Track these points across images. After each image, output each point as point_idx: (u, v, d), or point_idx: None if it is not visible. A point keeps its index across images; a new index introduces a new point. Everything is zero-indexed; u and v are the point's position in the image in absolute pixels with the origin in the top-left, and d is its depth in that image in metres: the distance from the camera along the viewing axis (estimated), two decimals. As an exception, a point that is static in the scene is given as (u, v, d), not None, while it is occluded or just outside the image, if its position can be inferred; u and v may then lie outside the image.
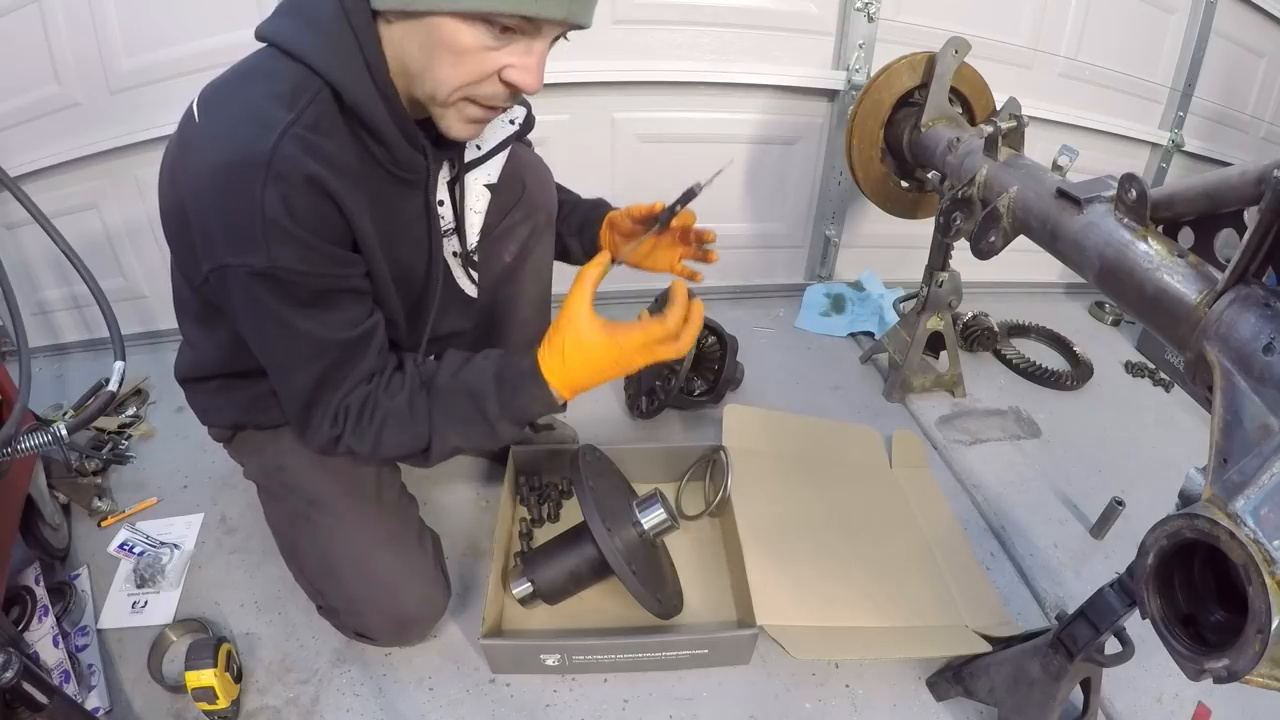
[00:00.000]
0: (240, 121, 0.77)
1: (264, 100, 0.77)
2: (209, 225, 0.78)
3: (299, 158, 0.76)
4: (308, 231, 0.79)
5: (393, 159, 0.88)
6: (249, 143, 0.75)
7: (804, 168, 2.07)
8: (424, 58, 0.78)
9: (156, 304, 1.92)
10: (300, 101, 0.77)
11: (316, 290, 0.83)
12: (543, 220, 1.24)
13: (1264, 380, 0.72)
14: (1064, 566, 1.36)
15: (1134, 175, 0.98)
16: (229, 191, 0.75)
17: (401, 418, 0.91)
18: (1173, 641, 0.63)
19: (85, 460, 1.41)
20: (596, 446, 1.28)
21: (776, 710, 1.11)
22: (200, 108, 0.80)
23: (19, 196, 1.06)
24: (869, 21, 1.83)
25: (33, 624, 1.11)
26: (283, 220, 0.76)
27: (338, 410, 0.90)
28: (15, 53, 1.55)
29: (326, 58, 0.78)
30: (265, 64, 0.80)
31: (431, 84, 0.80)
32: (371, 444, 0.91)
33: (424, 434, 0.92)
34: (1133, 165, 2.22)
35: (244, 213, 0.75)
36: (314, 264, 0.81)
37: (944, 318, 1.70)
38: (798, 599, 1.17)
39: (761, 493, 1.34)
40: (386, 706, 1.09)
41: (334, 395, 0.89)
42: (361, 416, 0.90)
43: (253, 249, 0.77)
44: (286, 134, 0.75)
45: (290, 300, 0.81)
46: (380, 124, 0.83)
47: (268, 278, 0.79)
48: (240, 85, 0.80)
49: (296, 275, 0.79)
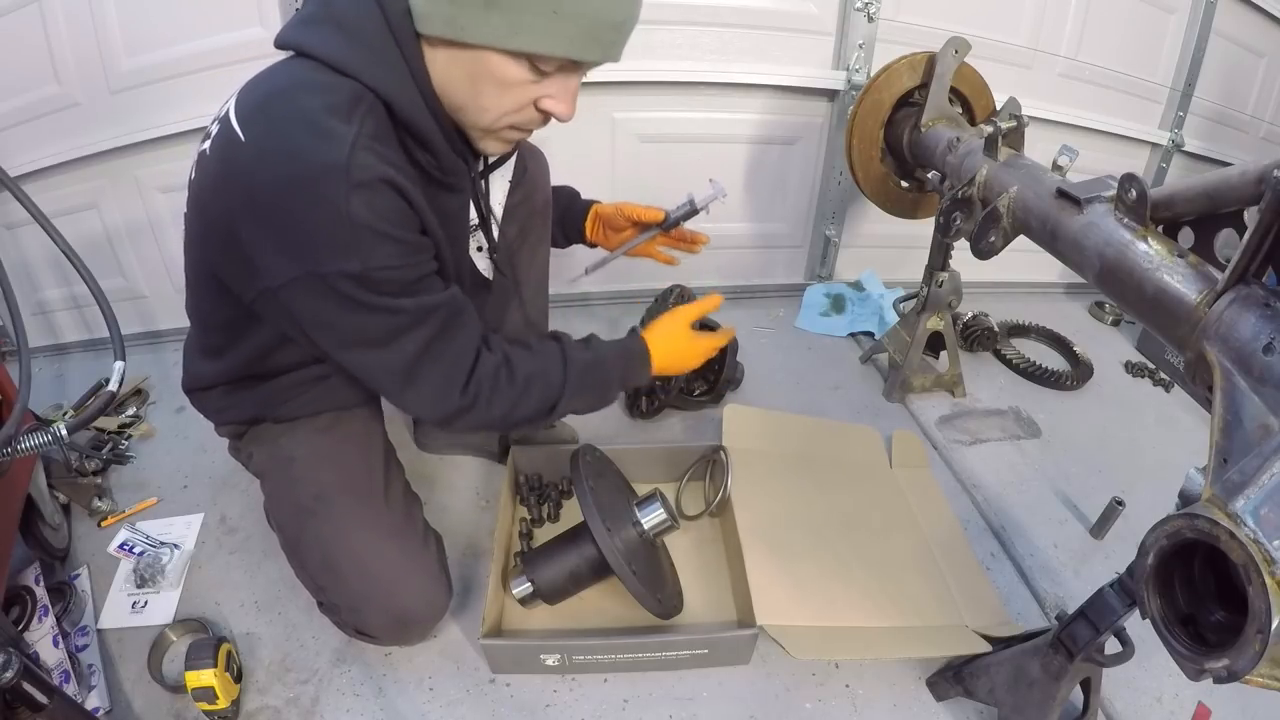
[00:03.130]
0: (301, 136, 0.78)
1: (320, 114, 0.78)
2: (285, 239, 0.80)
3: (374, 164, 0.79)
4: (396, 227, 0.83)
5: (439, 166, 0.92)
6: (320, 155, 0.77)
7: (804, 168, 2.07)
8: (469, 86, 0.83)
9: (156, 304, 1.92)
10: (357, 114, 0.80)
11: (413, 276, 0.87)
12: (540, 202, 1.29)
13: (1264, 380, 0.72)
14: (1064, 566, 1.36)
15: (1134, 175, 0.98)
16: (308, 208, 0.78)
17: (535, 382, 1.00)
18: (1173, 641, 0.63)
19: (85, 460, 1.41)
20: (596, 446, 1.28)
21: (776, 710, 1.11)
22: (245, 126, 0.80)
23: (19, 196, 1.06)
24: (869, 21, 1.83)
25: (33, 624, 1.11)
26: (373, 223, 0.80)
27: (467, 383, 0.94)
28: (15, 53, 1.55)
29: (376, 72, 0.81)
30: (309, 77, 0.81)
31: (476, 112, 0.86)
32: (508, 405, 0.97)
33: (558, 392, 1.01)
34: (1133, 165, 2.22)
35: (332, 224, 0.78)
36: (407, 256, 0.85)
37: (944, 318, 1.70)
38: (798, 599, 1.17)
39: (761, 493, 1.34)
40: (386, 706, 1.09)
41: (454, 372, 0.93)
42: (498, 383, 0.96)
43: (347, 254, 0.79)
44: (356, 144, 0.78)
45: (388, 292, 0.85)
46: (429, 134, 0.87)
47: (365, 279, 0.81)
48: (289, 101, 0.80)
49: (393, 270, 0.83)
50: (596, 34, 0.80)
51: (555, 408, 1.02)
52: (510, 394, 0.98)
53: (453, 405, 0.95)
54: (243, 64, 1.61)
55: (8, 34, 1.52)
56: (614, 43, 0.83)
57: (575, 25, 0.78)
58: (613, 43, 0.83)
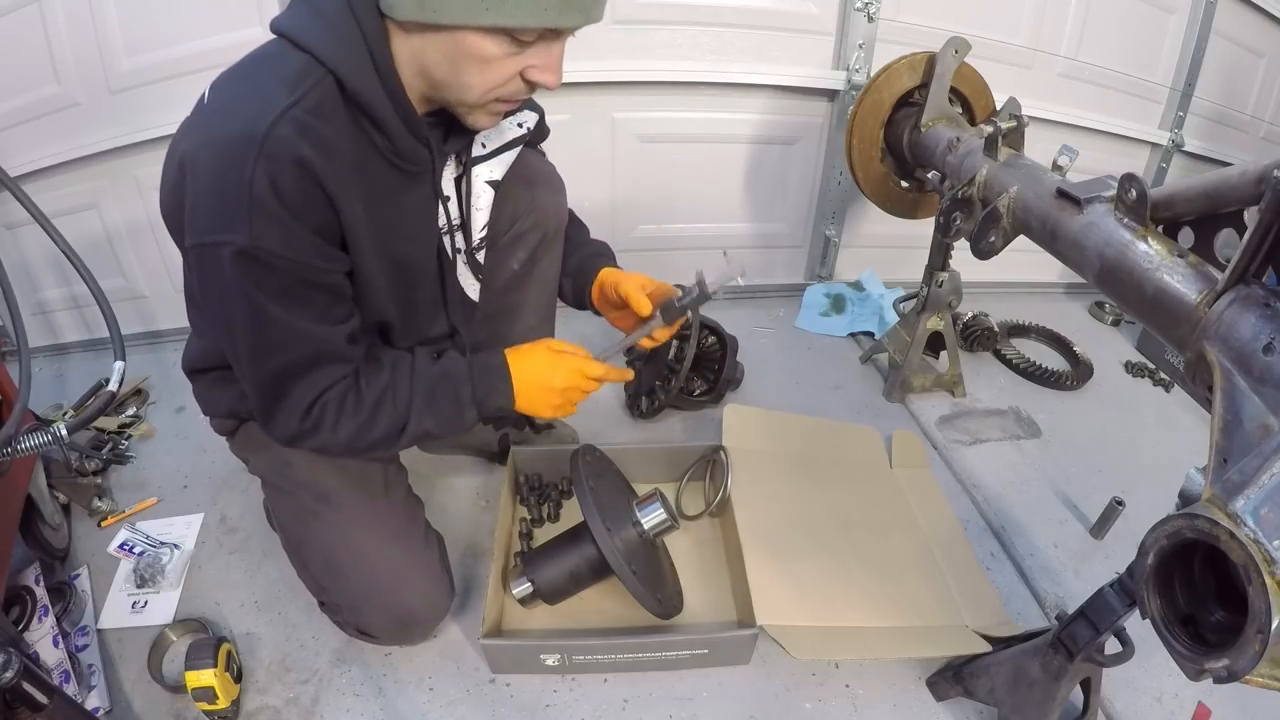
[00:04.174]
0: (243, 101, 0.79)
1: (268, 84, 0.79)
2: (198, 200, 0.79)
3: (292, 140, 0.77)
4: (291, 215, 0.79)
5: (394, 149, 0.88)
6: (247, 121, 0.76)
7: (804, 168, 2.07)
8: (448, 66, 0.81)
9: (156, 304, 1.92)
10: (303, 85, 0.79)
11: (295, 279, 0.83)
12: (552, 229, 1.24)
13: (1264, 380, 0.72)
14: (1064, 566, 1.36)
15: (1134, 175, 0.98)
16: (221, 166, 0.77)
17: (384, 404, 0.93)
18: (1173, 641, 0.63)
19: (85, 460, 1.41)
20: (596, 446, 1.28)
21: (776, 710, 1.11)
22: (211, 91, 0.82)
23: (19, 196, 1.06)
24: (869, 21, 1.83)
25: (33, 624, 1.11)
26: (268, 200, 0.77)
27: (312, 405, 0.90)
28: (15, 53, 1.55)
29: (329, 46, 0.80)
30: (274, 52, 0.82)
31: (460, 90, 0.83)
32: (350, 434, 0.92)
33: (403, 417, 0.95)
34: (1133, 165, 2.22)
35: (232, 189, 0.76)
36: (295, 250, 0.81)
37: (944, 318, 1.70)
38: (798, 599, 1.17)
39: (761, 493, 1.34)
40: (386, 706, 1.09)
41: (303, 391, 0.89)
42: (344, 409, 0.91)
43: (237, 226, 0.77)
44: (284, 115, 0.76)
45: (267, 285, 0.82)
46: (381, 113, 0.84)
47: (247, 257, 0.79)
48: (248, 70, 0.82)
49: (277, 259, 0.80)
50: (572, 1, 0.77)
51: (405, 429, 0.95)
52: (356, 418, 0.92)
53: (292, 430, 0.91)
54: (243, 64, 1.62)
55: (8, 34, 1.52)
56: (593, 3, 0.79)
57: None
58: (592, 3, 0.79)
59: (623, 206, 2.01)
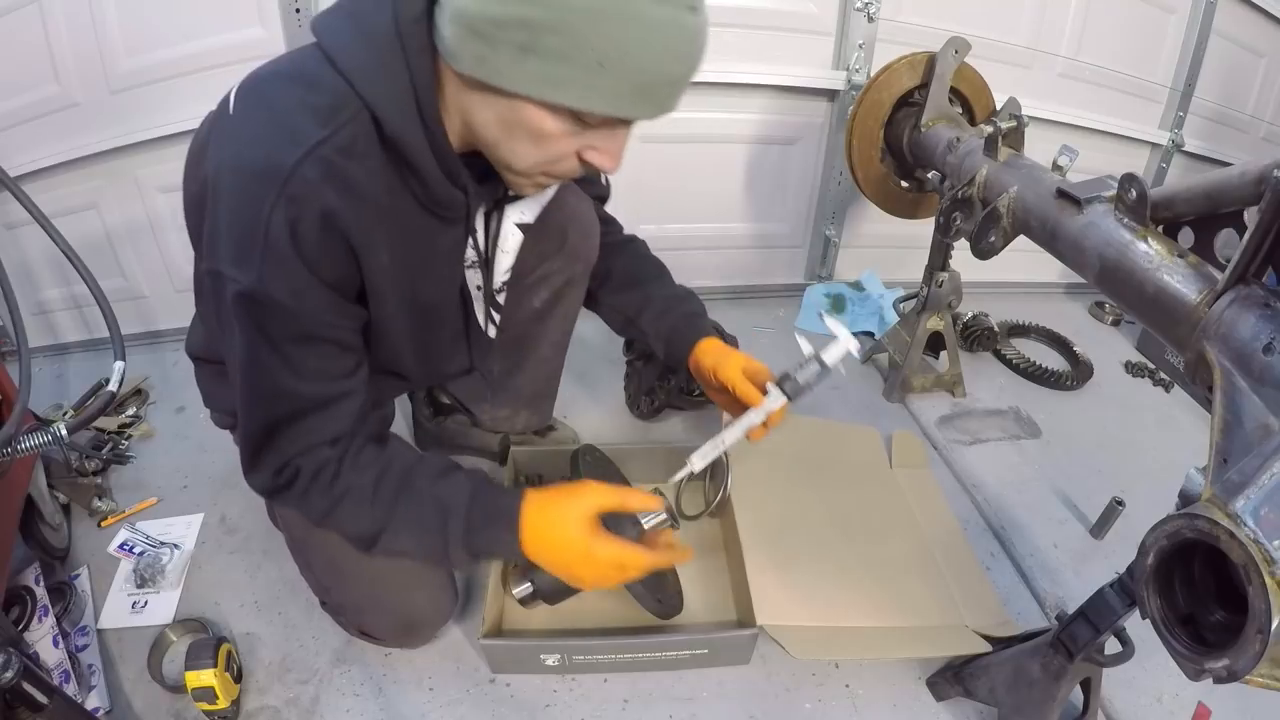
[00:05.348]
0: (270, 127, 0.73)
1: (299, 110, 0.72)
2: (215, 227, 0.75)
3: (318, 184, 0.72)
4: (305, 266, 0.74)
5: (429, 196, 0.82)
6: (271, 153, 0.71)
7: (804, 168, 2.07)
8: (500, 131, 0.74)
9: (156, 304, 1.92)
10: (337, 120, 0.72)
11: (299, 332, 0.77)
12: (580, 271, 1.19)
13: (1264, 380, 0.72)
14: (1064, 566, 1.36)
15: (1134, 175, 0.99)
16: (240, 199, 0.72)
17: (363, 497, 0.84)
18: (1173, 641, 0.63)
19: (85, 460, 1.41)
20: (596, 446, 1.28)
21: (776, 710, 1.11)
22: (237, 99, 0.76)
23: (19, 196, 1.06)
24: (869, 21, 1.83)
25: (33, 624, 1.11)
26: (283, 246, 0.72)
27: (285, 465, 0.83)
28: (15, 53, 1.54)
29: (371, 82, 0.73)
30: (309, 69, 0.75)
31: (507, 156, 0.77)
32: (321, 512, 0.85)
33: (380, 523, 0.85)
34: (1133, 165, 2.22)
35: (248, 226, 0.72)
36: (302, 303, 0.76)
37: (944, 318, 1.70)
38: (798, 599, 1.17)
39: (761, 493, 1.34)
40: (386, 706, 1.09)
41: (286, 447, 0.82)
42: (317, 480, 0.83)
43: (246, 265, 0.73)
44: (312, 154, 0.71)
45: (267, 331, 0.76)
46: (421, 160, 0.77)
47: (251, 300, 0.74)
48: (280, 86, 0.75)
49: (282, 309, 0.75)
50: (650, 91, 0.70)
51: (379, 538, 0.85)
52: (322, 502, 0.84)
53: (264, 483, 0.85)
54: (243, 64, 1.59)
55: (8, 34, 1.52)
56: (670, 97, 0.72)
57: (626, 81, 0.68)
58: (669, 97, 0.72)
59: (623, 206, 2.00)
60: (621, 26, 0.64)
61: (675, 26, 0.66)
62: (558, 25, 0.64)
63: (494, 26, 0.65)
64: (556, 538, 0.86)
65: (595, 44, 0.64)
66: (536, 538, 0.86)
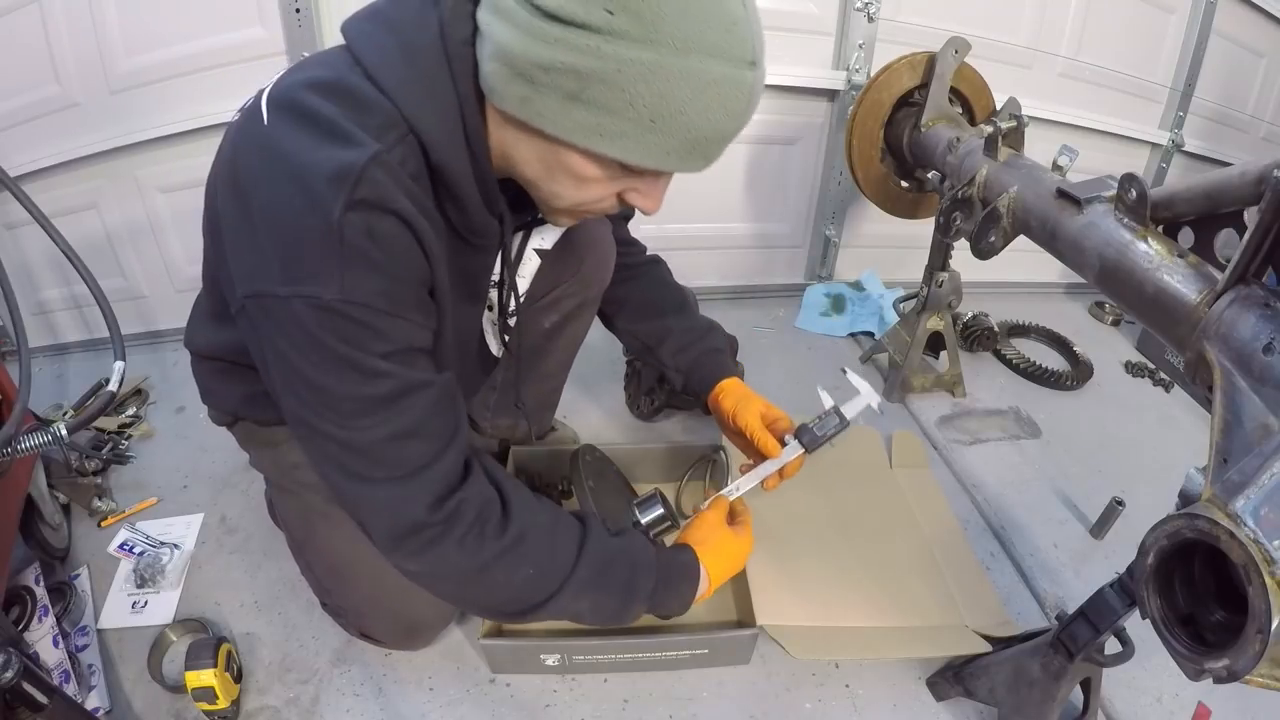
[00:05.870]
0: (320, 134, 0.66)
1: (348, 121, 0.66)
2: (261, 242, 0.67)
3: (389, 187, 0.66)
4: (397, 267, 0.69)
5: (466, 224, 0.78)
6: (333, 157, 0.64)
7: (804, 168, 2.07)
8: (541, 170, 0.71)
9: (156, 304, 1.92)
10: (388, 138, 0.68)
11: (397, 339, 0.71)
12: (592, 295, 1.18)
13: (1264, 380, 0.72)
14: (1064, 566, 1.36)
15: (1134, 175, 0.98)
16: (296, 207, 0.65)
17: (542, 542, 0.78)
18: (1173, 641, 0.63)
19: (85, 460, 1.41)
20: (596, 446, 1.28)
21: (776, 710, 1.11)
22: (272, 109, 0.68)
23: (19, 196, 1.06)
24: (869, 21, 1.83)
25: (33, 624, 1.11)
26: (364, 247, 0.66)
27: (448, 496, 0.74)
28: (15, 53, 1.55)
29: (419, 106, 0.68)
30: (349, 82, 0.68)
31: (546, 194, 0.75)
32: (487, 558, 0.76)
33: (558, 578, 0.79)
34: (1133, 165, 2.22)
35: (313, 235, 0.64)
36: (397, 303, 0.70)
37: (944, 318, 1.70)
38: (798, 599, 1.17)
39: (761, 493, 1.33)
40: (386, 706, 1.09)
41: (441, 472, 0.74)
42: (485, 517, 0.75)
43: (320, 278, 0.65)
44: (377, 158, 0.65)
45: (364, 345, 0.69)
46: (464, 190, 0.74)
47: (336, 314, 0.66)
48: (320, 98, 0.68)
49: (374, 315, 0.68)
50: (701, 147, 0.67)
51: (555, 596, 0.80)
52: (494, 545, 0.76)
53: (412, 520, 0.74)
54: (243, 64, 1.62)
55: (8, 34, 1.52)
56: (719, 151, 0.69)
57: (677, 138, 0.64)
58: (718, 152, 0.69)
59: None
60: (678, 83, 0.61)
61: (733, 84, 0.63)
62: (609, 77, 0.60)
63: (540, 70, 0.62)
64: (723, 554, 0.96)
65: (648, 100, 0.61)
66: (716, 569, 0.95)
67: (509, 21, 0.62)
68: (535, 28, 0.60)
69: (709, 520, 0.99)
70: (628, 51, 0.59)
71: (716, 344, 1.17)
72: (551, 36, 0.60)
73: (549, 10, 0.59)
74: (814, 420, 1.04)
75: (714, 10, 0.60)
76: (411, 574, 0.80)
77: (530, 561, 0.79)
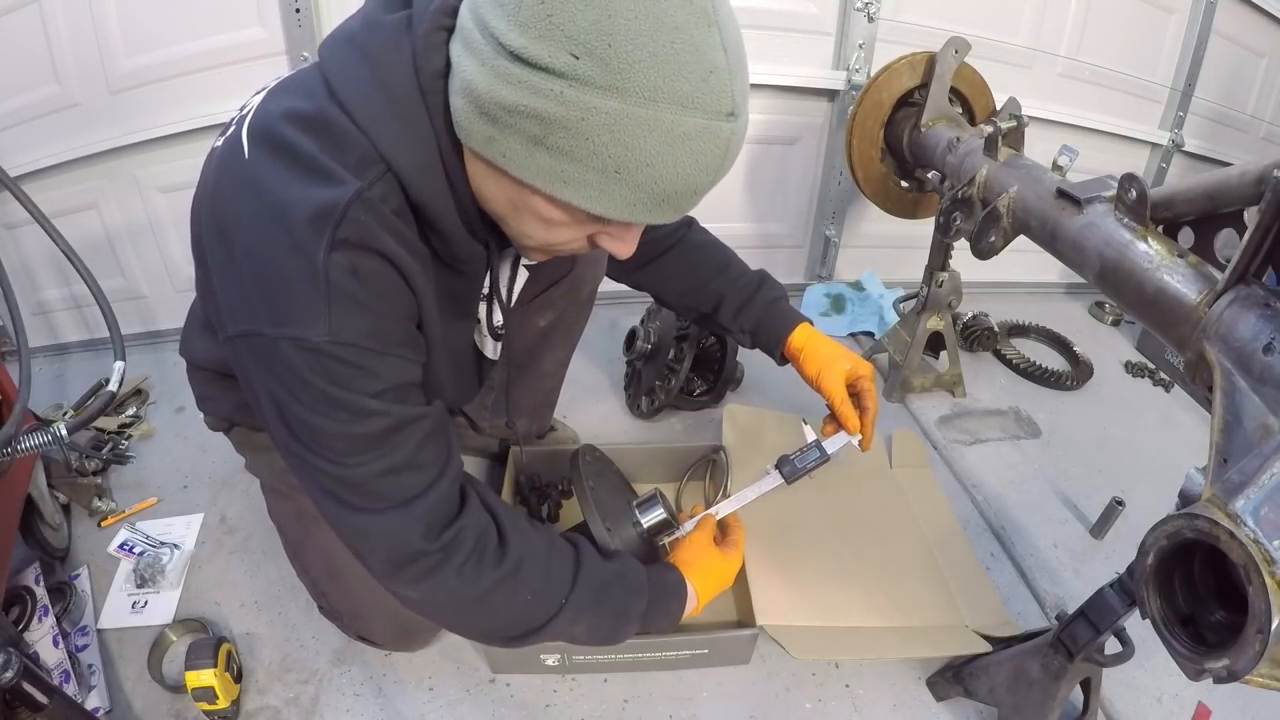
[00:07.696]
0: (300, 173, 0.65)
1: (327, 157, 0.65)
2: (245, 282, 0.66)
3: (372, 227, 0.66)
4: (382, 304, 0.68)
5: (451, 254, 0.77)
6: (314, 195, 0.64)
7: (804, 168, 2.07)
8: (509, 210, 0.70)
9: (156, 304, 1.92)
10: (368, 174, 0.66)
11: (386, 376, 0.70)
12: (585, 295, 1.19)
13: (1264, 380, 0.72)
14: (1064, 566, 1.36)
15: (1134, 175, 0.98)
16: (279, 248, 0.64)
17: (539, 568, 0.79)
18: (1173, 641, 0.63)
19: (85, 460, 1.41)
20: (596, 446, 1.28)
21: (776, 710, 1.11)
22: (251, 143, 0.67)
23: (19, 196, 1.06)
24: (869, 21, 1.83)
25: (33, 624, 1.11)
26: (350, 287, 0.65)
27: (448, 525, 0.74)
28: (15, 53, 1.55)
29: (396, 145, 0.67)
30: (327, 116, 0.67)
31: (516, 233, 0.73)
32: (487, 585, 0.76)
33: (555, 603, 0.80)
34: (1133, 165, 2.22)
35: (298, 276, 0.64)
36: (385, 341, 0.69)
37: (944, 318, 1.70)
38: (798, 599, 1.17)
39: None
40: (386, 706, 1.09)
41: (436, 500, 0.74)
42: (484, 545, 0.76)
43: (306, 319, 0.65)
44: (359, 198, 0.65)
45: (353, 385, 0.68)
46: (446, 224, 0.72)
47: (324, 355, 0.66)
48: (298, 134, 0.66)
49: (362, 354, 0.67)
50: (670, 201, 0.63)
51: (546, 624, 0.80)
52: (492, 573, 0.77)
53: (411, 548, 0.73)
54: (242, 64, 1.62)
55: (8, 34, 1.52)
56: (691, 204, 0.66)
57: (643, 191, 0.61)
58: (689, 204, 0.66)
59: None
60: (645, 134, 0.57)
61: (706, 136, 0.59)
62: (572, 125, 0.57)
63: (504, 112, 0.59)
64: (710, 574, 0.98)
65: (613, 150, 0.58)
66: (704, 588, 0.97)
67: (477, 58, 0.60)
68: (500, 68, 0.58)
69: (696, 541, 1.01)
70: (592, 99, 0.56)
71: (772, 294, 1.15)
72: (515, 78, 0.57)
73: (513, 50, 0.56)
74: (795, 453, 1.09)
75: (689, 58, 0.56)
76: (410, 601, 0.79)
77: (528, 588, 0.80)
